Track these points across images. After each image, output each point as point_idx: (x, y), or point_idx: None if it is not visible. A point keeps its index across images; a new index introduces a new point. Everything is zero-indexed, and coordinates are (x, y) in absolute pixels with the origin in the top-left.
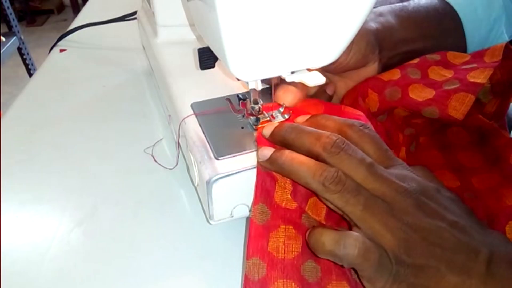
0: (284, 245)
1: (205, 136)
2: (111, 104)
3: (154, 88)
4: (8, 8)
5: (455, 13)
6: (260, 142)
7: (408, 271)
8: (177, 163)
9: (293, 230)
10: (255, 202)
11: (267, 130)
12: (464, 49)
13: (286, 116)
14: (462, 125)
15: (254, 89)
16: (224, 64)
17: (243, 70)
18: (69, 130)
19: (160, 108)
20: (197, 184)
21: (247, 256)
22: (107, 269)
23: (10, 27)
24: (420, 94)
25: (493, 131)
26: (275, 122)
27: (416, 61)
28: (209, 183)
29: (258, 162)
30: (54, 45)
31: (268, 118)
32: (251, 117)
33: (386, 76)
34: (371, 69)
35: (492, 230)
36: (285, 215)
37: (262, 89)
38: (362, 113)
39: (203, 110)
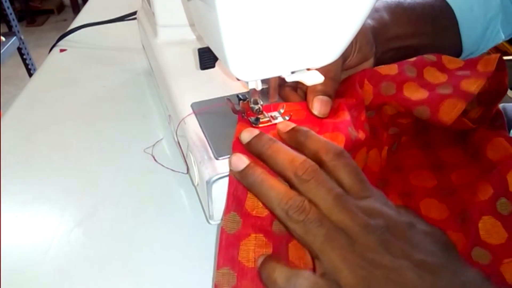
0: (255, 254)
1: (205, 136)
2: (111, 104)
3: (154, 88)
4: (8, 8)
5: (451, 10)
6: (236, 147)
7: None
8: (187, 171)
9: (264, 239)
10: (226, 211)
11: (245, 137)
12: (459, 47)
13: (287, 118)
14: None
15: (254, 89)
16: (224, 64)
17: (243, 70)
18: (69, 130)
19: (160, 108)
20: (197, 184)
21: (217, 266)
22: (107, 269)
23: (10, 27)
24: (414, 93)
25: (473, 129)
26: (255, 130)
27: (413, 59)
28: (209, 183)
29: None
30: (54, 45)
31: (268, 119)
32: (251, 117)
33: (383, 70)
34: (368, 64)
35: (470, 269)
36: (255, 223)
37: (262, 89)
38: (349, 120)
39: (202, 107)
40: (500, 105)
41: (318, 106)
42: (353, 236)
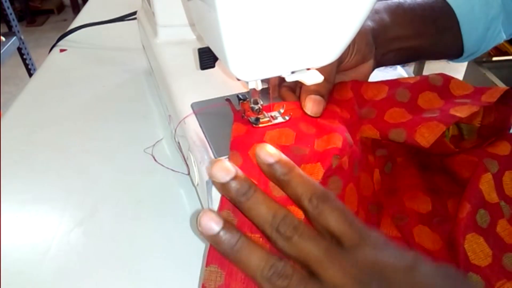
0: None
1: (205, 136)
2: (111, 104)
3: (154, 88)
4: (8, 8)
5: (452, 11)
6: (234, 145)
7: None
8: (188, 172)
9: (260, 239)
10: (220, 208)
11: (220, 176)
12: (460, 48)
13: (287, 118)
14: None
15: (254, 89)
16: (224, 64)
17: (243, 70)
18: (69, 130)
19: (160, 108)
20: (197, 184)
21: (206, 263)
22: (107, 269)
23: (10, 27)
24: (397, 117)
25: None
26: (230, 168)
27: (414, 80)
28: (209, 183)
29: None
30: (54, 45)
31: (267, 118)
32: (251, 117)
33: (371, 91)
34: (368, 65)
35: None
36: (249, 223)
37: (262, 89)
38: (345, 129)
39: (202, 107)
40: None
41: (311, 105)
42: None
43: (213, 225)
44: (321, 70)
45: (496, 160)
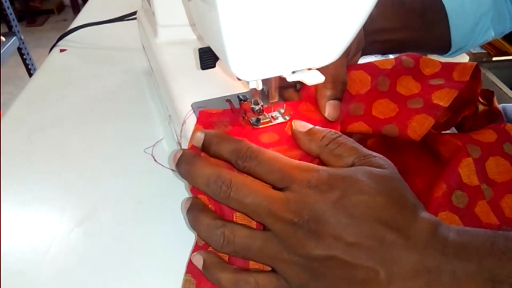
0: None
1: None
2: (111, 104)
3: (154, 88)
4: (8, 8)
5: (441, 5)
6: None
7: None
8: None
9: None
10: (185, 271)
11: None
12: (448, 42)
13: (287, 117)
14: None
15: (255, 89)
16: (225, 64)
17: (244, 70)
18: (69, 130)
19: (160, 108)
20: None
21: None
22: (107, 269)
23: (10, 27)
24: (383, 110)
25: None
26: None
27: (390, 65)
28: None
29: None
30: (54, 45)
31: (268, 119)
32: (252, 118)
33: (356, 85)
34: (356, 57)
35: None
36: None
37: (262, 89)
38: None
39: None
40: (500, 105)
41: (331, 111)
42: (284, 239)
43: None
44: (336, 73)
45: (480, 146)
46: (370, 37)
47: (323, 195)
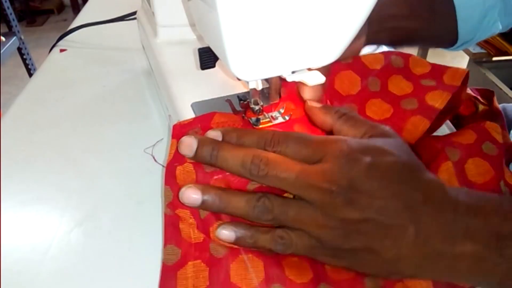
0: (193, 281)
1: None
2: (111, 104)
3: (154, 88)
4: (8, 8)
5: None
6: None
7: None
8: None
9: (202, 264)
10: (164, 244)
11: (187, 151)
12: (455, 34)
13: (287, 117)
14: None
15: (255, 89)
16: (224, 64)
17: (244, 70)
18: (69, 130)
19: (160, 108)
20: None
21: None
22: (107, 269)
23: (10, 27)
24: (377, 110)
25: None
26: (192, 140)
27: (379, 65)
28: None
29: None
30: (54, 45)
31: (268, 119)
32: (252, 118)
33: (346, 85)
34: (359, 42)
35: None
36: (194, 250)
37: (262, 90)
38: None
39: (202, 107)
40: (500, 105)
41: (311, 92)
42: (321, 206)
43: (195, 196)
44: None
45: (459, 148)
46: (378, 25)
47: (356, 162)
